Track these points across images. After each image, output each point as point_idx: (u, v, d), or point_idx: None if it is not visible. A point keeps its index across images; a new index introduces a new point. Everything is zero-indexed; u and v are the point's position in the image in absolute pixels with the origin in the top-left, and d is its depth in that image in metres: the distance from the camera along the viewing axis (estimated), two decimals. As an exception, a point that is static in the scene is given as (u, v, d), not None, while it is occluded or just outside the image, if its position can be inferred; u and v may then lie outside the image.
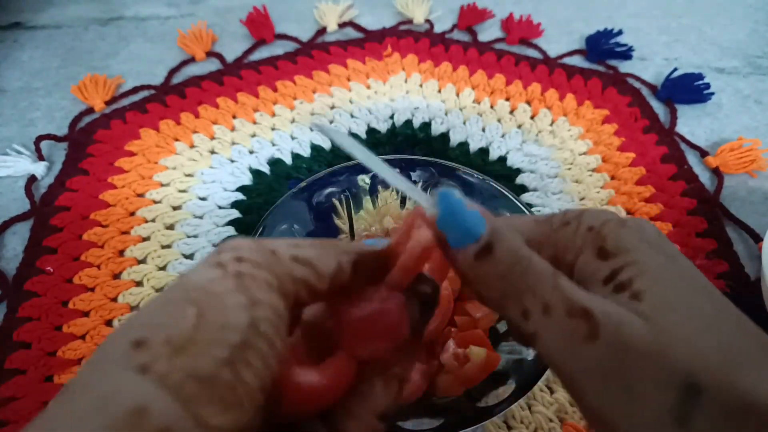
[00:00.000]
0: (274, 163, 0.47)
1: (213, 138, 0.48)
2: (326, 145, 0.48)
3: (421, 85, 0.53)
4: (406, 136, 0.49)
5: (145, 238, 0.42)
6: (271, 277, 0.15)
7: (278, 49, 0.56)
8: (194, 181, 0.45)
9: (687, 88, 0.52)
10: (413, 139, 0.49)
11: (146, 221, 0.43)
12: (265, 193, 0.45)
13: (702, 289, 0.16)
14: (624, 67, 0.55)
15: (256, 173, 0.46)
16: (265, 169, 0.47)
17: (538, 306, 0.16)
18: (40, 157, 0.47)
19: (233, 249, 0.15)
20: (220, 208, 0.44)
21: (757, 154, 0.46)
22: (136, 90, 0.52)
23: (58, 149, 0.48)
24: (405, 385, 0.19)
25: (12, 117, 0.51)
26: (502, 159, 0.47)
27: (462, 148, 0.48)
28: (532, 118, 0.50)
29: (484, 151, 0.48)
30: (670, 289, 0.15)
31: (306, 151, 0.48)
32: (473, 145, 0.48)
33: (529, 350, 0.32)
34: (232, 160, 0.47)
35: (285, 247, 0.16)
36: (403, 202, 0.40)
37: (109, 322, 0.38)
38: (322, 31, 0.58)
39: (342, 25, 0.58)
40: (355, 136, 0.49)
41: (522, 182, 0.46)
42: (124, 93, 0.52)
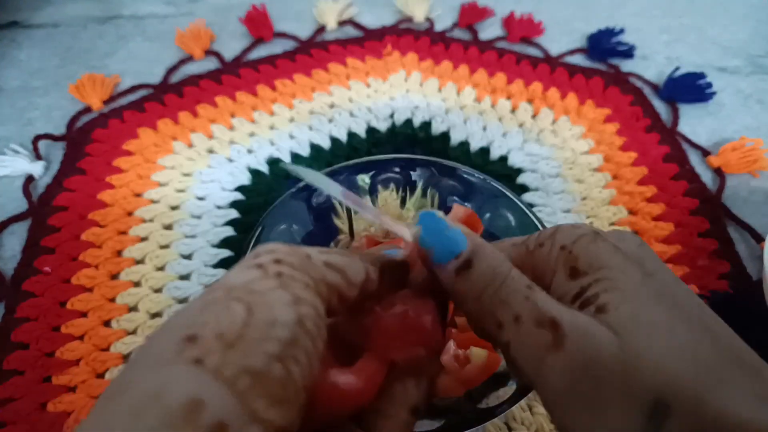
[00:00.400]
0: (273, 162, 0.47)
1: (211, 137, 0.48)
2: (325, 145, 0.48)
3: (421, 84, 0.52)
4: (406, 135, 0.49)
5: (144, 239, 0.42)
6: (308, 279, 0.15)
7: (277, 47, 0.56)
8: (192, 180, 0.45)
9: (689, 88, 0.52)
10: (413, 138, 0.48)
11: (144, 221, 0.43)
12: (264, 193, 0.45)
13: (677, 305, 0.15)
14: (626, 66, 0.55)
15: (255, 173, 0.46)
16: (264, 168, 0.46)
17: (510, 317, 0.16)
18: (38, 157, 0.47)
19: (270, 252, 0.16)
20: (219, 208, 0.44)
21: (759, 153, 0.46)
22: (134, 89, 0.52)
23: (56, 149, 0.48)
24: (436, 382, 0.19)
25: (10, 116, 0.50)
26: (503, 158, 0.47)
27: (462, 148, 0.48)
28: (534, 117, 0.50)
29: (485, 151, 0.48)
30: (640, 305, 0.15)
31: (305, 151, 0.47)
32: (474, 145, 0.48)
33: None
34: (231, 160, 0.47)
35: (317, 253, 0.16)
36: (403, 202, 0.40)
37: (107, 323, 0.38)
38: (322, 30, 0.57)
39: (341, 24, 0.58)
40: (355, 135, 0.48)
41: (523, 182, 0.45)
42: (122, 92, 0.52)
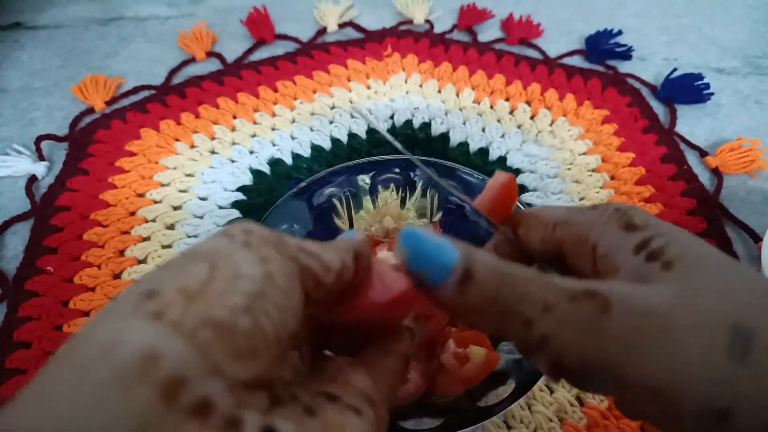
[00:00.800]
0: (275, 163, 0.47)
1: (213, 138, 0.48)
2: (326, 146, 0.48)
3: (421, 86, 0.53)
4: (406, 136, 0.49)
5: (146, 238, 0.42)
6: (279, 250, 0.15)
7: (278, 49, 0.56)
8: (194, 181, 0.46)
9: (687, 89, 0.52)
10: (413, 139, 0.49)
11: (147, 221, 0.43)
12: (266, 193, 0.45)
13: (733, 261, 0.16)
14: (624, 67, 0.55)
15: (257, 173, 0.46)
16: (266, 169, 0.47)
17: (538, 308, 0.15)
18: (41, 157, 0.47)
19: (242, 225, 0.15)
20: (221, 208, 0.44)
21: (756, 154, 0.46)
22: (136, 90, 0.52)
23: (59, 149, 0.48)
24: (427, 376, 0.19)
25: (12, 117, 0.51)
26: (502, 159, 0.47)
27: (462, 148, 0.48)
28: (532, 118, 0.50)
29: (484, 151, 0.48)
30: (703, 256, 0.15)
31: (306, 151, 0.48)
32: (473, 145, 0.48)
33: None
34: (233, 160, 0.47)
35: (291, 239, 0.16)
36: (403, 202, 0.40)
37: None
38: (322, 32, 0.58)
39: (342, 26, 0.58)
40: (356, 136, 0.49)
41: (522, 182, 0.46)
42: (125, 93, 0.52)
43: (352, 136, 0.49)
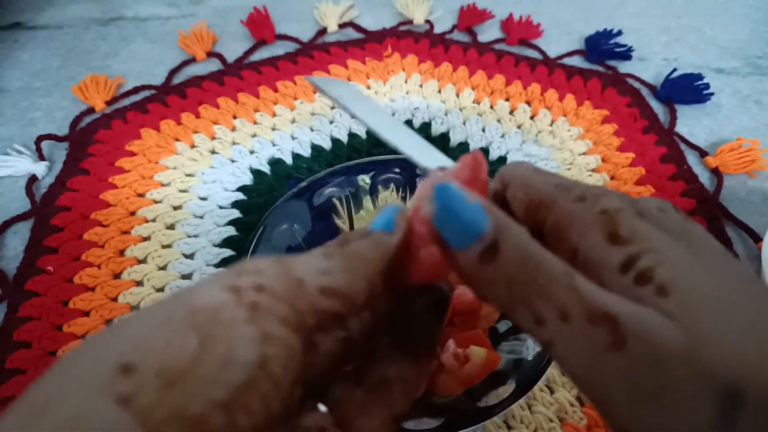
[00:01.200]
0: (275, 163, 0.47)
1: (213, 138, 0.48)
2: (326, 146, 0.48)
3: (421, 86, 0.53)
4: (406, 137, 0.49)
5: (146, 238, 0.42)
6: (290, 313, 0.14)
7: (279, 49, 0.56)
8: (195, 180, 0.46)
9: (686, 89, 0.52)
10: (413, 139, 0.49)
11: (147, 221, 0.43)
12: (266, 193, 0.45)
13: (735, 280, 0.14)
14: (623, 67, 0.55)
15: (257, 173, 0.46)
16: (266, 169, 0.47)
17: (554, 312, 0.14)
18: (41, 157, 0.47)
19: (256, 273, 0.14)
20: (221, 207, 0.44)
21: (756, 154, 0.47)
22: (136, 90, 0.52)
23: (59, 149, 0.48)
24: (416, 390, 0.18)
25: (13, 117, 0.51)
26: (502, 159, 0.47)
27: (462, 148, 0.48)
28: (532, 118, 0.50)
29: (484, 151, 0.48)
30: (698, 282, 0.14)
31: (306, 151, 0.48)
32: (473, 146, 0.48)
33: (529, 350, 0.32)
34: (233, 160, 0.47)
35: (314, 274, 0.15)
36: (403, 202, 0.40)
37: (109, 322, 0.38)
38: (323, 32, 0.58)
39: (342, 26, 0.59)
40: (356, 136, 0.49)
41: (522, 182, 0.46)
42: (125, 93, 0.52)
43: (352, 136, 0.49)
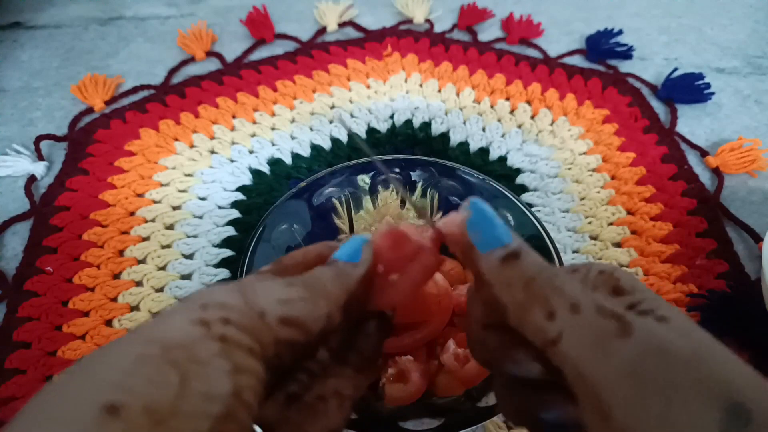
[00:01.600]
0: (274, 163, 0.47)
1: (213, 138, 0.48)
2: (326, 145, 0.48)
3: (421, 85, 0.53)
4: (406, 136, 0.49)
5: (145, 238, 0.42)
6: (255, 344, 0.15)
7: (278, 48, 0.56)
8: (194, 180, 0.45)
9: (687, 88, 0.52)
10: (413, 138, 0.49)
11: (146, 221, 0.43)
12: (265, 193, 0.45)
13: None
14: (624, 66, 0.55)
15: (256, 173, 0.46)
16: (265, 168, 0.47)
17: (566, 305, 0.15)
18: (40, 157, 0.47)
19: (221, 307, 0.15)
20: (220, 207, 0.44)
21: (757, 154, 0.46)
22: (135, 90, 0.52)
23: (58, 149, 0.48)
24: (354, 405, 0.19)
25: (12, 117, 0.51)
26: (502, 159, 0.47)
27: (462, 148, 0.48)
28: (532, 117, 0.50)
29: (484, 151, 0.48)
30: (692, 323, 0.15)
31: (306, 151, 0.48)
32: (473, 145, 0.48)
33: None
34: (232, 160, 0.47)
35: (274, 304, 0.16)
36: (403, 203, 0.40)
37: (108, 322, 0.38)
38: (322, 31, 0.58)
39: (342, 25, 0.58)
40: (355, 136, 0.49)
41: (522, 182, 0.46)
42: (124, 93, 0.52)
43: (351, 136, 0.49)
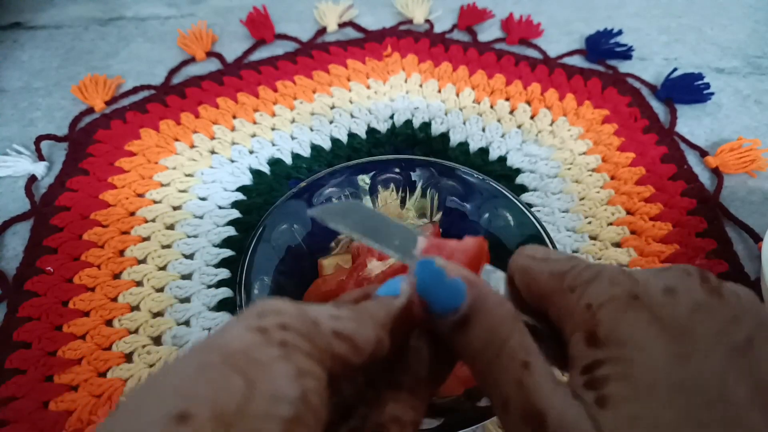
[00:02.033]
0: (274, 163, 0.47)
1: (213, 138, 0.48)
2: (326, 146, 0.48)
3: (421, 85, 0.53)
4: (406, 136, 0.49)
5: (146, 238, 0.42)
6: (313, 349, 0.14)
7: (278, 49, 0.56)
8: (194, 181, 0.46)
9: (687, 88, 0.52)
10: (413, 139, 0.49)
11: (146, 221, 0.43)
12: (265, 193, 0.45)
13: (704, 402, 0.14)
14: (624, 67, 0.55)
15: (256, 173, 0.46)
16: (265, 169, 0.47)
17: (500, 400, 0.16)
18: (40, 157, 0.47)
19: (277, 313, 0.15)
20: (220, 208, 0.44)
21: (756, 154, 0.46)
22: (136, 90, 0.52)
23: (58, 149, 0.48)
24: (416, 427, 0.18)
25: (12, 117, 0.51)
26: (502, 159, 0.47)
27: (462, 148, 0.48)
28: (532, 118, 0.50)
29: (484, 151, 0.48)
30: (648, 405, 0.14)
31: (306, 151, 0.48)
32: (473, 145, 0.48)
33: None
34: (232, 160, 0.47)
35: (327, 318, 0.16)
36: (403, 202, 0.40)
37: (109, 322, 0.38)
38: (322, 31, 0.58)
39: (342, 25, 0.58)
40: (356, 136, 0.49)
41: (522, 182, 0.46)
42: (124, 93, 0.52)
43: (352, 136, 0.49)
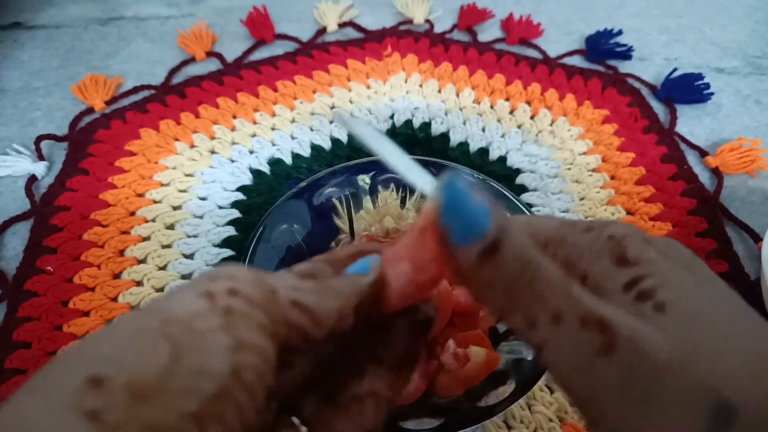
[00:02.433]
0: (274, 163, 0.47)
1: (213, 138, 0.48)
2: (326, 145, 0.48)
3: (421, 85, 0.53)
4: (406, 136, 0.49)
5: (146, 238, 0.42)
6: (264, 319, 0.14)
7: (278, 49, 0.56)
8: (194, 180, 0.46)
9: (687, 88, 0.52)
10: (413, 139, 0.49)
11: (146, 221, 0.43)
12: (265, 193, 0.45)
13: (736, 310, 0.14)
14: (624, 67, 0.55)
15: (256, 173, 0.46)
16: (265, 168, 0.47)
17: (548, 315, 0.14)
18: (41, 157, 0.47)
19: (229, 278, 0.14)
20: (220, 207, 0.44)
21: (756, 154, 0.46)
22: (136, 90, 0.52)
23: (59, 149, 0.48)
24: (392, 405, 0.18)
25: (12, 117, 0.51)
26: (502, 159, 0.47)
27: (462, 148, 0.48)
28: (532, 118, 0.50)
29: (484, 151, 0.48)
30: (696, 304, 0.14)
31: (306, 151, 0.48)
32: (473, 145, 0.48)
33: (529, 350, 0.32)
34: (232, 160, 0.47)
35: (286, 288, 0.15)
36: (403, 202, 0.40)
37: (109, 322, 0.38)
38: (322, 31, 0.58)
39: (342, 25, 0.58)
40: (355, 136, 0.49)
41: (522, 182, 0.46)
42: (124, 93, 0.52)
43: (352, 136, 0.49)
